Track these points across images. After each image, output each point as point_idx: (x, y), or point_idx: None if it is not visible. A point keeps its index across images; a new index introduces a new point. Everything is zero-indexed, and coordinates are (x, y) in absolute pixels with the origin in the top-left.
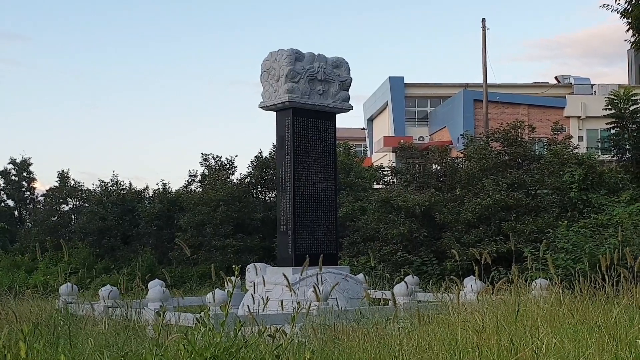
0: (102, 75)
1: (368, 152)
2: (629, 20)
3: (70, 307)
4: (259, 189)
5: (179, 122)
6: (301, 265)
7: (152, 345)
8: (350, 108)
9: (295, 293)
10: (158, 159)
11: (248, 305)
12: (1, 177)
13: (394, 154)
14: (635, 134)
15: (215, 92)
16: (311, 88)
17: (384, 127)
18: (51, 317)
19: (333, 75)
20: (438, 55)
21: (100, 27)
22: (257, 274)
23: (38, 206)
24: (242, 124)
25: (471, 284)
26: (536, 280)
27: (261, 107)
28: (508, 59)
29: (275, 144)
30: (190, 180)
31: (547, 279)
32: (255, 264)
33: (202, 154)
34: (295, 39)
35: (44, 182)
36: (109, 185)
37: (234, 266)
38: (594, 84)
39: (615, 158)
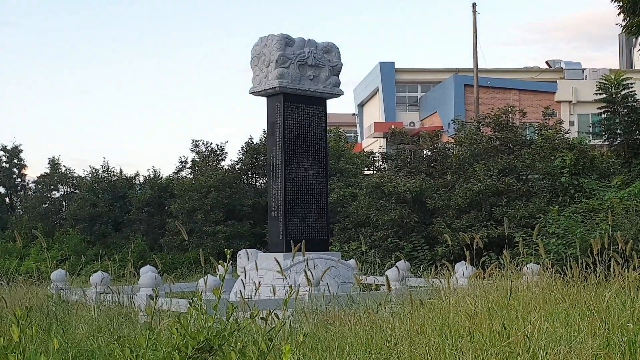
0: (92, 60)
1: (359, 138)
2: (620, 4)
3: (62, 293)
4: (250, 175)
5: (169, 107)
6: (290, 251)
7: (144, 329)
8: (340, 93)
9: (287, 278)
10: (149, 145)
11: (240, 291)
12: None
13: (385, 139)
14: (626, 119)
15: (206, 77)
16: (301, 73)
17: (375, 112)
18: (44, 303)
19: (323, 61)
20: (429, 40)
21: (89, 11)
22: (248, 260)
23: (29, 193)
24: (233, 110)
25: (462, 269)
26: (528, 265)
27: (251, 93)
28: (499, 44)
29: (265, 129)
30: (180, 166)
31: (538, 264)
32: (247, 249)
33: (193, 140)
34: (286, 24)
35: (34, 168)
36: (99, 171)
37: (225, 250)
38: (585, 69)
39: (606, 143)
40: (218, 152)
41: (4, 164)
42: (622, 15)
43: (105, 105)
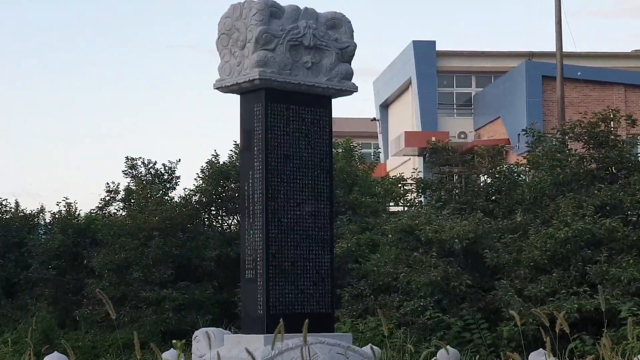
0: None
1: (381, 156)
2: None
3: None
4: (214, 212)
5: (89, 109)
6: (277, 333)
7: None
8: (353, 89)
9: None
10: (60, 165)
11: None
12: None
13: (421, 158)
14: None
15: (146, 62)
16: (294, 59)
17: (406, 117)
18: None
19: (328, 40)
20: (484, 11)
21: None
22: (210, 346)
23: None
24: (188, 112)
25: None
26: (639, 356)
27: (218, 88)
28: (593, 15)
29: (238, 143)
30: (108, 198)
31: None
32: (208, 329)
33: (127, 158)
34: None
35: None
36: None
37: (175, 342)
38: None
39: None
40: (166, 177)
41: None
42: None
43: None
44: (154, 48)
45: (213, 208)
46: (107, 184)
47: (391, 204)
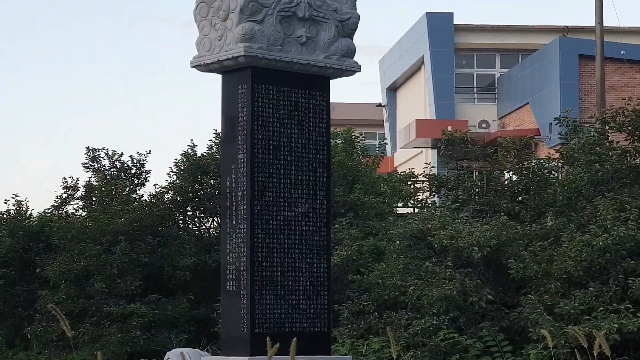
0: None
1: (388, 148)
2: None
3: None
4: (189, 213)
5: (41, 91)
6: (264, 354)
7: None
8: (355, 68)
9: None
10: (7, 157)
11: None
12: None
13: (435, 151)
14: None
15: (109, 37)
16: (286, 33)
17: (417, 103)
18: None
19: (325, 11)
20: None
21: None
22: None
23: None
24: (160, 96)
25: None
26: None
27: (196, 66)
28: None
29: (219, 131)
30: (65, 195)
31: None
32: (183, 349)
33: (88, 148)
34: None
35: None
36: None
37: None
38: None
39: None
40: (134, 171)
41: None
42: None
43: None
44: (117, 19)
45: (189, 208)
46: (64, 179)
47: (399, 204)
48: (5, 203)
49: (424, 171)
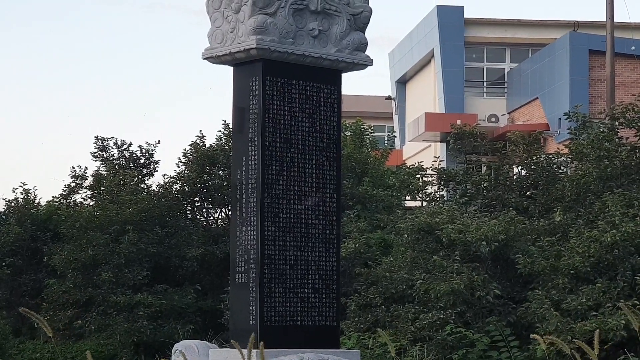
0: None
1: (396, 141)
2: None
3: None
4: (198, 204)
5: (51, 80)
6: (273, 347)
7: None
8: (367, 62)
9: None
10: (16, 145)
11: None
12: None
13: (444, 144)
14: None
15: (119, 25)
16: (298, 26)
17: (427, 96)
18: None
19: (338, 4)
20: None
21: None
22: None
23: None
24: (170, 86)
25: None
26: None
27: (207, 58)
28: None
29: (229, 123)
30: (73, 185)
31: None
32: (191, 341)
33: (97, 137)
34: None
35: None
36: None
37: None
38: None
39: None
40: (142, 161)
41: None
42: None
43: None
44: (128, 8)
45: (197, 199)
46: (73, 167)
47: (407, 198)
48: (13, 191)
49: (432, 165)
